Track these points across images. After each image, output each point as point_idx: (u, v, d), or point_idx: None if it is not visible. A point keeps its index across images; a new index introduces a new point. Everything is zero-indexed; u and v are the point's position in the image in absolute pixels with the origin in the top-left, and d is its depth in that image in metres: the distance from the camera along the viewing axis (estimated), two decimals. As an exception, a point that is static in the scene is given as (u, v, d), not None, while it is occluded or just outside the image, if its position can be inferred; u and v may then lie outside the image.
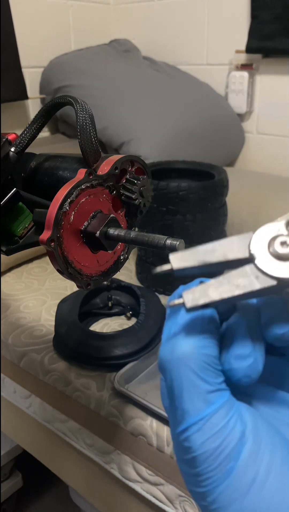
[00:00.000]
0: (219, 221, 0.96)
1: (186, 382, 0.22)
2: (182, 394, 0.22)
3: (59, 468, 0.90)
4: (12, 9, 1.30)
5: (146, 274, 1.00)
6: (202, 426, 0.21)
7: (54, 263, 0.35)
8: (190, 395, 0.22)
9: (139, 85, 1.38)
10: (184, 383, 0.22)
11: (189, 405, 0.22)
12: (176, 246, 0.32)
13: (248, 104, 1.47)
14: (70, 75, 1.39)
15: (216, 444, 0.21)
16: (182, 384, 0.22)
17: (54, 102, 0.38)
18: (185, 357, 0.22)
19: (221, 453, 0.21)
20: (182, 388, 0.22)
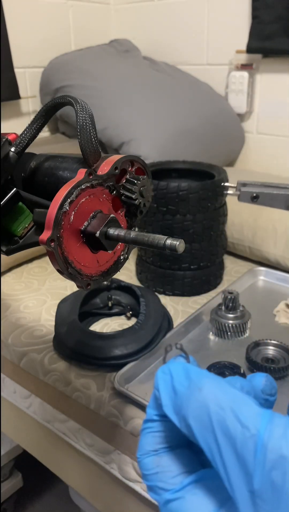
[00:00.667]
0: (219, 221, 0.96)
1: (231, 401, 0.22)
2: (238, 417, 0.22)
3: (59, 468, 0.90)
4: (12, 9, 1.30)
5: (146, 274, 1.00)
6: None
7: (54, 263, 0.35)
8: (240, 407, 0.22)
9: (139, 85, 1.38)
10: (233, 405, 0.22)
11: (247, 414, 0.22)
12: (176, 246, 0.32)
13: (248, 104, 1.47)
14: (70, 75, 1.39)
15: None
16: (232, 407, 0.22)
17: (54, 102, 0.38)
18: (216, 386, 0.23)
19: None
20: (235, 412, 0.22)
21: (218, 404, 0.22)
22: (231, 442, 0.21)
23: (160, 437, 0.26)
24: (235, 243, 1.12)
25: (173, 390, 0.24)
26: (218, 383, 0.23)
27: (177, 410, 0.23)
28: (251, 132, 1.53)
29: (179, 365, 0.25)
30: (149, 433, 0.26)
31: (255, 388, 0.26)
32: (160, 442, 0.26)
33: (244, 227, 1.09)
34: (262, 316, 0.89)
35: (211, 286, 1.00)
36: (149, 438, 0.26)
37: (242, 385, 0.26)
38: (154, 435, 0.26)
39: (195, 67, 1.56)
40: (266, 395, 0.26)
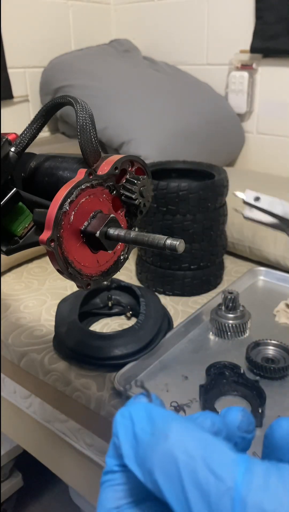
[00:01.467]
0: (219, 221, 0.96)
1: (203, 450, 0.19)
2: (211, 466, 0.19)
3: (59, 468, 0.90)
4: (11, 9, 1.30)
5: (146, 274, 1.00)
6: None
7: (54, 263, 0.35)
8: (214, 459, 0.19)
9: (139, 85, 1.38)
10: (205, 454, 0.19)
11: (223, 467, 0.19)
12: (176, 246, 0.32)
13: (248, 104, 1.47)
14: (70, 75, 1.39)
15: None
16: (204, 456, 0.19)
17: (54, 102, 0.38)
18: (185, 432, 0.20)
19: None
20: (206, 461, 0.19)
21: (187, 452, 0.19)
22: (205, 498, 0.18)
23: (123, 490, 0.22)
24: (235, 243, 1.12)
25: (134, 438, 0.21)
26: (186, 427, 0.20)
27: (140, 463, 0.20)
28: (251, 132, 1.53)
29: (140, 407, 0.22)
30: (109, 486, 0.22)
31: (229, 425, 0.23)
32: (123, 497, 0.22)
33: (244, 227, 1.09)
34: (262, 316, 0.89)
35: (211, 286, 1.00)
36: (110, 493, 0.22)
37: (213, 422, 0.22)
38: (116, 489, 0.22)
39: (195, 67, 1.56)
40: (243, 432, 0.23)
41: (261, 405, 0.64)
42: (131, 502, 0.22)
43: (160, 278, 0.97)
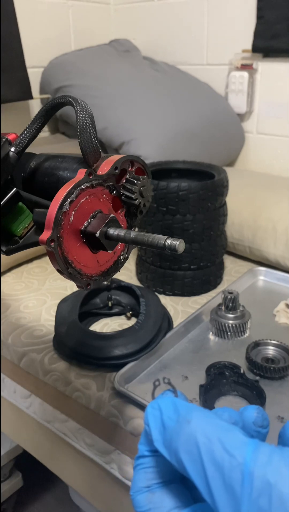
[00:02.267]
0: (219, 221, 0.96)
1: (220, 432, 0.23)
2: (226, 447, 0.22)
3: (59, 468, 0.90)
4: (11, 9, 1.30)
5: (146, 274, 1.00)
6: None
7: (54, 263, 0.35)
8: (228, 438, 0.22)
9: (139, 85, 1.38)
10: (221, 436, 0.23)
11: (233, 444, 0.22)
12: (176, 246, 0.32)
13: (248, 104, 1.47)
14: (70, 75, 1.39)
15: None
16: (220, 438, 0.22)
17: (54, 102, 0.38)
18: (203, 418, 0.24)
19: None
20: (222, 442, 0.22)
21: (205, 435, 0.22)
22: (219, 472, 0.21)
23: (153, 472, 0.26)
24: (235, 243, 1.12)
25: (162, 425, 0.24)
26: (206, 416, 0.24)
27: (168, 445, 0.24)
28: (251, 132, 1.53)
29: (168, 400, 0.26)
30: (141, 469, 0.26)
31: (246, 420, 0.26)
32: (153, 478, 0.26)
33: (244, 227, 1.09)
34: (262, 316, 0.89)
35: (211, 286, 1.00)
36: (142, 475, 0.26)
37: (230, 415, 0.26)
38: (146, 471, 0.26)
39: (195, 67, 1.56)
40: (258, 427, 0.26)
41: (261, 405, 0.64)
42: (160, 483, 0.26)
43: (160, 278, 0.97)
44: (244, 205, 1.11)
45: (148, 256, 0.98)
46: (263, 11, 1.35)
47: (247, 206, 1.10)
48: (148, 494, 0.26)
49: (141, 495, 0.26)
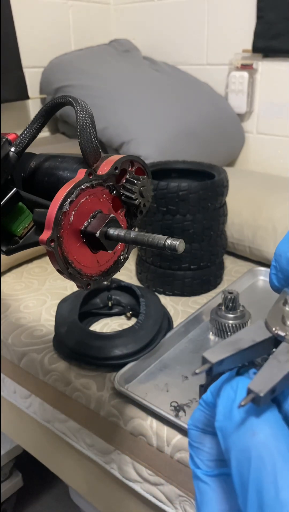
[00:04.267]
0: (219, 221, 0.96)
1: (280, 468, 0.19)
2: (277, 484, 0.19)
3: (59, 468, 0.90)
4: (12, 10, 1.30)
5: (146, 274, 1.00)
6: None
7: (54, 263, 0.35)
8: (286, 483, 0.19)
9: (139, 85, 1.38)
10: (277, 469, 0.19)
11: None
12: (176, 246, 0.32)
13: (248, 104, 1.47)
14: (70, 75, 1.39)
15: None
16: (275, 472, 0.19)
17: (54, 102, 0.38)
18: (272, 438, 0.20)
19: None
20: (275, 477, 0.19)
21: (263, 463, 0.20)
22: (260, 504, 0.20)
23: (210, 420, 0.25)
24: (235, 243, 1.12)
25: (230, 413, 0.22)
26: (274, 437, 0.20)
27: (224, 434, 0.22)
28: (251, 132, 1.53)
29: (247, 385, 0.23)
30: (202, 411, 0.26)
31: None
32: (208, 425, 0.25)
33: (244, 227, 1.09)
34: (262, 316, 0.89)
35: (211, 286, 1.00)
36: (201, 416, 0.26)
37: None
38: (205, 416, 0.26)
39: (195, 67, 1.56)
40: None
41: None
42: (213, 432, 0.25)
43: (160, 278, 0.97)
44: (244, 205, 1.11)
45: (148, 256, 0.98)
46: (263, 11, 1.35)
47: (247, 206, 1.10)
48: (202, 434, 0.26)
49: (195, 431, 0.26)
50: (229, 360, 0.24)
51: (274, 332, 0.24)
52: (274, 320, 0.25)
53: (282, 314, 0.25)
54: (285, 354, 0.23)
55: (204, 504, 0.25)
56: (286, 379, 0.22)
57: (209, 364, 0.23)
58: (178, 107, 1.36)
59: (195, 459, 0.26)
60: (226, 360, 0.23)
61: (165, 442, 0.64)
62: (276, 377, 0.21)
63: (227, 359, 0.24)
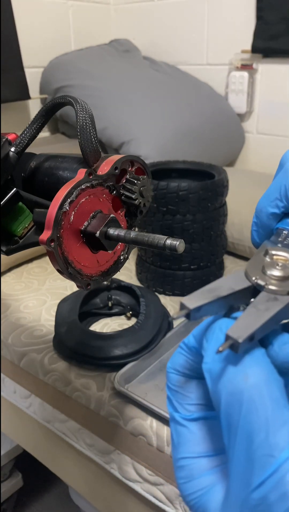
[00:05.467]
0: (219, 221, 0.96)
1: (271, 411, 0.19)
2: (268, 427, 0.19)
3: (59, 468, 0.90)
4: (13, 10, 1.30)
5: (146, 274, 1.00)
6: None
7: (54, 263, 0.35)
8: (276, 426, 0.19)
9: (139, 85, 1.38)
10: (268, 412, 0.19)
11: (279, 437, 0.19)
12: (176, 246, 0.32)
13: (248, 104, 1.47)
14: (70, 75, 1.39)
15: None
16: (266, 415, 0.19)
17: (54, 102, 0.38)
18: (264, 382, 0.20)
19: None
20: (267, 420, 0.19)
21: (255, 406, 0.20)
22: (248, 445, 0.20)
23: (191, 364, 0.25)
24: (235, 243, 1.12)
25: (220, 355, 0.22)
26: (267, 382, 0.20)
27: (213, 376, 0.21)
28: (251, 132, 1.53)
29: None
30: (182, 354, 0.25)
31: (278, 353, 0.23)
32: (189, 369, 0.25)
33: (244, 227, 1.09)
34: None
35: (211, 286, 1.00)
36: (181, 359, 0.25)
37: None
38: (187, 360, 0.25)
39: (195, 67, 1.56)
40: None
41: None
42: (194, 376, 0.25)
43: (160, 278, 0.97)
44: (244, 205, 1.11)
45: (148, 256, 0.98)
46: (262, 11, 1.35)
47: (247, 206, 1.10)
48: (181, 378, 0.25)
49: (175, 375, 0.25)
50: (207, 307, 0.23)
51: (253, 281, 0.24)
52: (254, 270, 0.24)
53: (262, 264, 0.25)
54: (264, 303, 0.23)
55: (180, 445, 0.24)
56: (265, 327, 0.22)
57: (187, 310, 0.23)
58: (178, 107, 1.36)
59: (174, 403, 0.25)
60: (204, 307, 0.23)
61: (165, 442, 0.64)
62: (255, 325, 0.21)
63: (205, 306, 0.23)
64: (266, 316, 0.22)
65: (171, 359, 0.25)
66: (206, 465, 0.23)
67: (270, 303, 0.23)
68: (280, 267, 0.24)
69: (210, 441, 0.24)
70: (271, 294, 0.23)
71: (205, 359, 0.22)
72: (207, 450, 0.24)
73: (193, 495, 0.23)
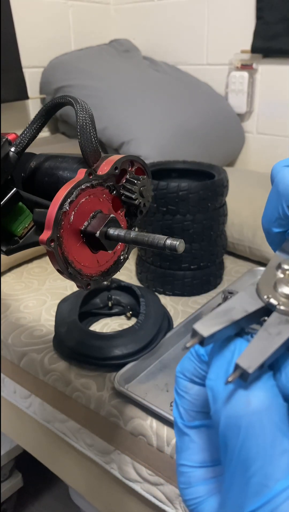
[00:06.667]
0: (219, 221, 0.96)
1: (269, 440, 0.19)
2: (265, 456, 0.19)
3: (59, 468, 0.90)
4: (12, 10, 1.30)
5: (146, 274, 1.00)
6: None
7: (54, 263, 0.35)
8: (273, 455, 0.19)
9: (139, 85, 1.38)
10: (267, 441, 0.19)
11: (275, 467, 0.18)
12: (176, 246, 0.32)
13: (248, 104, 1.47)
14: (70, 75, 1.39)
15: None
16: (265, 443, 0.19)
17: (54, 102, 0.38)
18: (266, 408, 0.19)
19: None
20: (264, 449, 0.19)
21: (253, 435, 0.19)
22: (244, 473, 0.19)
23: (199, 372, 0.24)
24: (235, 243, 1.12)
25: (225, 374, 0.21)
26: (269, 409, 0.19)
27: (215, 395, 0.21)
28: (251, 132, 1.53)
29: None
30: (191, 361, 0.25)
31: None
32: (197, 376, 0.24)
33: (244, 227, 1.09)
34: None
35: (211, 286, 1.00)
36: (190, 365, 0.25)
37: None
38: (195, 367, 0.25)
39: (195, 67, 1.56)
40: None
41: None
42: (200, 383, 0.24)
43: (160, 278, 0.97)
44: (244, 205, 1.11)
45: (148, 256, 0.98)
46: (262, 11, 1.35)
47: (247, 206, 1.10)
48: (189, 384, 0.25)
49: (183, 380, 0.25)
50: (221, 332, 0.22)
51: (265, 300, 0.23)
52: (266, 287, 0.23)
53: (274, 280, 0.24)
54: (276, 326, 0.22)
55: (182, 451, 0.25)
56: (275, 353, 0.21)
57: (200, 337, 0.22)
58: (178, 107, 1.36)
59: (179, 408, 0.25)
60: (217, 333, 0.22)
61: (165, 442, 0.64)
62: (266, 352, 0.21)
63: (219, 332, 0.22)
64: (277, 342, 0.21)
65: (180, 363, 0.25)
66: (203, 475, 0.24)
67: (281, 326, 0.22)
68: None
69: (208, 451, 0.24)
70: (283, 315, 0.22)
71: (209, 375, 0.22)
72: (205, 460, 0.24)
73: (192, 501, 0.23)
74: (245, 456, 0.19)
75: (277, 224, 0.26)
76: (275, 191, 0.25)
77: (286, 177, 0.25)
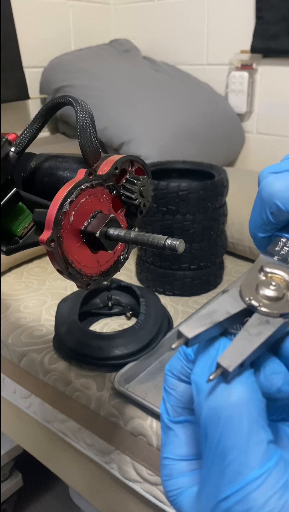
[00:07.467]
0: (219, 221, 0.96)
1: (246, 431, 0.20)
2: (241, 446, 0.20)
3: (59, 468, 0.90)
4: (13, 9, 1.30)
5: (146, 274, 1.00)
6: (264, 481, 0.19)
7: (54, 263, 0.35)
8: (249, 445, 0.20)
9: (139, 85, 1.38)
10: (244, 431, 0.20)
11: (250, 457, 0.20)
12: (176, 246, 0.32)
13: (248, 104, 1.47)
14: (70, 75, 1.39)
15: (282, 502, 0.19)
16: (242, 433, 0.20)
17: (54, 102, 0.38)
18: (245, 402, 0.20)
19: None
20: (241, 439, 0.20)
21: (232, 426, 0.20)
22: (221, 462, 0.20)
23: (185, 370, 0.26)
24: (235, 243, 1.12)
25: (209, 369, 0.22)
26: (248, 402, 0.21)
27: (199, 389, 0.22)
28: (251, 132, 1.53)
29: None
30: (179, 360, 0.26)
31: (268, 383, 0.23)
32: (184, 374, 0.26)
33: (244, 227, 1.09)
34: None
35: (211, 286, 1.00)
36: (178, 365, 0.26)
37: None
38: (182, 366, 0.26)
39: (195, 67, 1.56)
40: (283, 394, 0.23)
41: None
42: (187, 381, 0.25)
43: (160, 278, 0.97)
44: (244, 205, 1.11)
45: (148, 256, 0.98)
46: (262, 11, 1.35)
47: (247, 206, 1.10)
48: (176, 381, 0.26)
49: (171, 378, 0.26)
50: (205, 333, 0.24)
51: (247, 302, 0.24)
52: (248, 289, 0.24)
53: (257, 282, 0.25)
54: (256, 326, 0.23)
55: (166, 445, 0.26)
56: (255, 352, 0.22)
57: (185, 339, 0.23)
58: (178, 107, 1.36)
59: (166, 404, 0.26)
60: (201, 334, 0.23)
61: (165, 442, 0.64)
62: (246, 352, 0.22)
63: (202, 333, 0.23)
64: (257, 341, 0.22)
65: (170, 362, 0.26)
66: (185, 468, 0.25)
67: (261, 327, 0.23)
68: (274, 286, 0.24)
69: (191, 445, 0.25)
70: (264, 316, 0.23)
71: (194, 370, 0.23)
72: (188, 454, 0.25)
73: (172, 492, 0.24)
74: (223, 445, 0.20)
75: (262, 230, 0.28)
76: (259, 198, 0.26)
77: (269, 184, 0.25)
